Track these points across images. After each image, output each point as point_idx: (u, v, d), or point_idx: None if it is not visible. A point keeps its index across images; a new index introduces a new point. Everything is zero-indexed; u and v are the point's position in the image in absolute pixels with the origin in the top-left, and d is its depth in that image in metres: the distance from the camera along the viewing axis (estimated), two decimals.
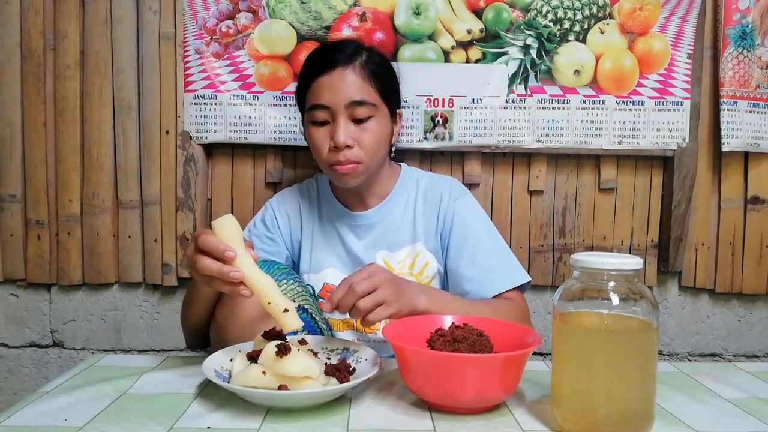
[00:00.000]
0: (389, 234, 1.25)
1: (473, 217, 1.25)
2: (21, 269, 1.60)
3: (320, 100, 1.14)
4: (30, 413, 0.79)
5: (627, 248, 1.63)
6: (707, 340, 1.68)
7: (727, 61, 1.54)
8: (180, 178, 1.57)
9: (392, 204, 1.27)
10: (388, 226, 1.25)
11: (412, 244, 1.25)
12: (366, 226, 1.26)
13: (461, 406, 0.79)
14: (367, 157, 1.15)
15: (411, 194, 1.28)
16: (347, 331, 1.22)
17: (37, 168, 1.58)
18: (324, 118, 1.15)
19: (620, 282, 0.73)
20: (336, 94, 1.13)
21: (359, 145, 1.14)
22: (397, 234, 1.25)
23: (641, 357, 0.71)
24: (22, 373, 1.66)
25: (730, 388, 0.92)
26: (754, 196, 1.62)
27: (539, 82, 1.55)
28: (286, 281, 1.09)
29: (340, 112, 1.13)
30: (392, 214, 1.26)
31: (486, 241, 1.22)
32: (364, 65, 1.16)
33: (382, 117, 1.18)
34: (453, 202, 1.25)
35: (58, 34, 1.55)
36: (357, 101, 1.13)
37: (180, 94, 1.56)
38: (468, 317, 0.94)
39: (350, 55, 1.16)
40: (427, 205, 1.26)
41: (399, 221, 1.26)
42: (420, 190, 1.28)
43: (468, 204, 1.26)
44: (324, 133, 1.15)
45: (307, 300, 1.12)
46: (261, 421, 0.77)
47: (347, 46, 1.19)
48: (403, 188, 1.28)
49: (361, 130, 1.15)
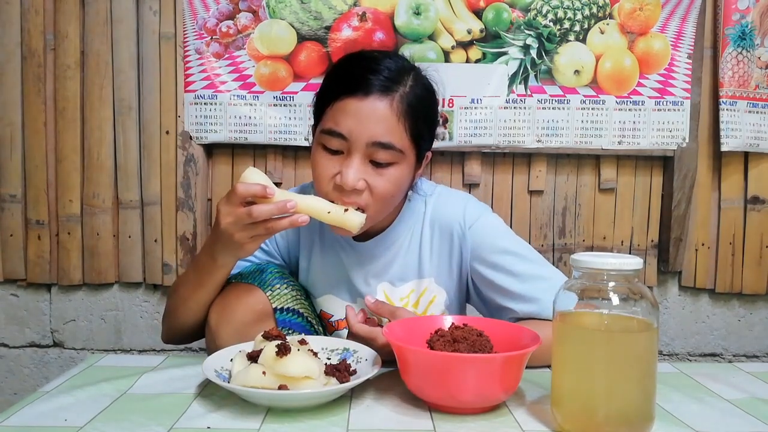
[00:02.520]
0: (392, 267, 1.10)
1: (497, 236, 1.07)
2: (21, 269, 1.60)
3: (339, 128, 0.94)
4: (30, 413, 0.79)
5: (627, 248, 1.63)
6: (707, 340, 1.68)
7: (727, 61, 1.54)
8: (180, 178, 1.57)
9: (396, 233, 1.10)
10: (391, 259, 1.10)
11: (418, 279, 1.10)
12: (368, 256, 1.11)
13: (461, 407, 0.79)
14: (374, 206, 0.98)
15: (417, 221, 1.10)
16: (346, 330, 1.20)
17: (37, 168, 1.58)
18: (338, 147, 0.95)
19: (620, 282, 0.73)
20: (360, 126, 0.93)
21: (370, 191, 0.96)
22: (400, 267, 1.10)
23: (641, 357, 0.71)
24: (22, 373, 1.66)
25: (730, 388, 0.92)
26: (754, 196, 1.62)
27: (539, 82, 1.55)
28: (279, 285, 1.06)
29: (359, 149, 0.94)
30: (396, 244, 1.10)
31: (525, 254, 1.06)
32: (403, 98, 0.95)
33: (406, 165, 0.99)
34: (468, 231, 1.07)
35: (58, 34, 1.55)
36: (382, 144, 0.94)
37: (180, 95, 1.56)
38: (467, 318, 0.94)
39: (391, 82, 0.95)
40: (436, 236, 1.09)
41: (404, 254, 1.10)
42: (427, 218, 1.10)
43: (486, 226, 1.08)
44: (333, 163, 0.96)
45: (302, 303, 1.09)
46: (261, 421, 0.76)
47: (390, 66, 0.97)
48: (409, 214, 1.11)
49: (376, 175, 0.96)
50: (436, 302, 1.10)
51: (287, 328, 1.05)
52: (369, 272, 1.11)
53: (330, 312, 1.16)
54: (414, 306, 1.10)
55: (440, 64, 1.53)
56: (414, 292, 1.11)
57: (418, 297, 1.11)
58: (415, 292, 1.11)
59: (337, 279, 1.14)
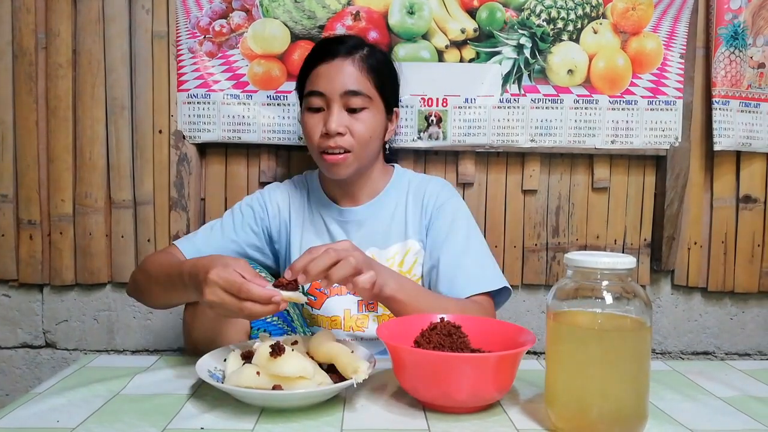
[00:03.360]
0: (379, 231, 1.25)
1: (457, 218, 1.24)
2: (13, 269, 1.59)
3: (317, 87, 1.17)
4: (22, 415, 0.78)
5: (620, 247, 1.64)
6: (700, 338, 1.68)
7: (719, 60, 1.55)
8: (173, 177, 1.56)
9: (383, 202, 1.27)
10: (378, 224, 1.25)
11: (403, 240, 1.25)
12: (355, 222, 1.26)
13: (456, 406, 0.79)
14: (357, 147, 1.17)
15: (402, 193, 1.28)
16: (338, 330, 1.21)
17: (29, 168, 1.57)
18: (319, 105, 1.17)
19: (613, 281, 0.73)
20: (332, 82, 1.16)
21: (351, 133, 1.16)
22: (387, 231, 1.25)
23: (634, 355, 0.72)
24: (14, 374, 1.65)
25: (723, 386, 0.92)
26: (746, 195, 1.62)
27: (533, 82, 1.55)
28: None
29: (335, 100, 1.15)
30: (383, 211, 1.26)
31: (464, 242, 1.20)
32: (364, 59, 1.18)
33: (376, 110, 1.20)
34: (439, 201, 1.25)
35: (49, 32, 1.54)
36: (352, 91, 1.16)
37: (173, 94, 1.55)
38: (460, 316, 0.94)
39: (351, 48, 1.19)
40: (416, 203, 1.27)
41: (389, 219, 1.26)
42: (411, 189, 1.29)
43: (454, 205, 1.26)
44: (317, 120, 1.18)
45: None
46: (255, 421, 0.76)
47: (350, 39, 1.23)
48: (395, 188, 1.29)
49: (353, 120, 1.17)
50: (418, 263, 1.24)
51: None
52: (358, 238, 1.23)
53: None
54: (399, 265, 1.23)
55: (434, 63, 1.53)
56: (398, 253, 1.24)
57: (403, 257, 1.24)
58: (399, 253, 1.24)
59: None
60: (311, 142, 1.19)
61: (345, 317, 1.21)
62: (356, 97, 1.16)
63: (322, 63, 1.18)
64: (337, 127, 1.14)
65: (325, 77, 1.17)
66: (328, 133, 1.15)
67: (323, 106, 1.17)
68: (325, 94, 1.16)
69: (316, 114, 1.18)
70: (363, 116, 1.17)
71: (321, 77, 1.17)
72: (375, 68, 1.20)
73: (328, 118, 1.15)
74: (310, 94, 1.18)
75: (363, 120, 1.17)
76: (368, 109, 1.18)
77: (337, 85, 1.15)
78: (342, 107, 1.16)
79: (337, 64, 1.17)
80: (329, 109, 1.16)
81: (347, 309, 1.22)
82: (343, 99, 1.16)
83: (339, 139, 1.15)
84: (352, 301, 1.22)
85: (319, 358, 0.86)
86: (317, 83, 1.17)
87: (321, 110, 1.18)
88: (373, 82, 1.19)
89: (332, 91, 1.16)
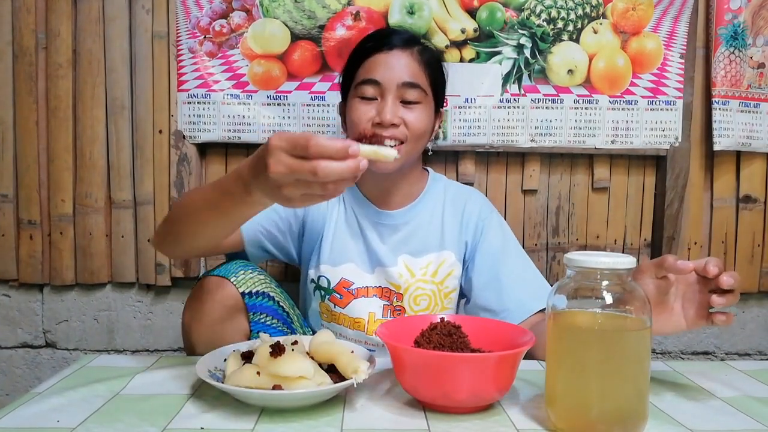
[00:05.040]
0: (415, 238, 1.22)
1: (506, 232, 1.25)
2: (13, 269, 1.59)
3: (373, 75, 1.13)
4: (22, 414, 0.78)
5: (620, 247, 1.64)
6: (700, 338, 1.68)
7: (719, 60, 1.55)
8: (173, 177, 1.56)
9: (421, 207, 1.24)
10: (414, 230, 1.22)
11: (438, 251, 1.22)
12: (391, 226, 1.22)
13: (456, 406, 0.79)
14: (411, 140, 1.14)
15: (438, 202, 1.25)
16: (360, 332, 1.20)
17: (29, 168, 1.57)
18: (372, 94, 1.13)
19: (613, 281, 0.73)
20: (390, 71, 1.13)
21: (405, 125, 1.13)
22: (422, 239, 1.22)
23: (634, 356, 0.72)
24: (14, 373, 1.65)
25: (723, 386, 0.92)
26: (746, 195, 1.63)
27: (533, 82, 1.55)
28: (244, 271, 1.06)
29: (391, 90, 1.12)
30: (420, 217, 1.23)
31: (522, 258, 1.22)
32: (421, 53, 1.17)
33: (428, 106, 1.17)
34: (482, 216, 1.24)
35: (50, 32, 1.54)
36: (410, 83, 1.13)
37: (173, 94, 1.55)
38: (460, 316, 0.94)
39: (408, 41, 1.17)
40: (455, 215, 1.24)
41: (426, 226, 1.23)
42: (448, 198, 1.26)
43: (498, 219, 1.26)
44: (369, 107, 1.13)
45: (272, 288, 1.10)
46: (255, 421, 0.76)
47: (406, 33, 1.22)
48: (431, 194, 1.26)
49: (408, 111, 1.13)
50: (453, 275, 1.21)
51: (259, 313, 1.05)
52: (391, 243, 1.21)
53: (350, 280, 1.20)
54: (432, 276, 1.20)
55: None
56: (432, 263, 1.21)
57: (437, 268, 1.21)
58: (433, 264, 1.21)
59: (359, 248, 1.22)
60: (356, 130, 1.14)
61: (369, 320, 1.20)
62: (413, 90, 1.13)
63: (379, 53, 1.14)
64: (393, 118, 1.11)
65: (382, 66, 1.13)
66: (382, 123, 1.11)
67: (377, 96, 1.13)
68: (382, 84, 1.12)
69: (369, 102, 1.14)
70: (418, 109, 1.14)
71: (378, 65, 1.13)
72: (430, 64, 1.18)
73: (383, 108, 1.11)
74: (364, 82, 1.13)
75: (417, 113, 1.14)
76: (422, 103, 1.15)
77: (395, 75, 1.12)
78: (397, 98, 1.13)
79: (395, 54, 1.14)
80: (383, 99, 1.12)
81: (372, 312, 1.20)
82: (400, 90, 1.13)
83: (393, 130, 1.12)
84: (377, 304, 1.20)
85: (319, 358, 0.86)
86: (374, 71, 1.13)
87: (374, 100, 1.14)
88: (428, 77, 1.16)
89: (389, 80, 1.12)
